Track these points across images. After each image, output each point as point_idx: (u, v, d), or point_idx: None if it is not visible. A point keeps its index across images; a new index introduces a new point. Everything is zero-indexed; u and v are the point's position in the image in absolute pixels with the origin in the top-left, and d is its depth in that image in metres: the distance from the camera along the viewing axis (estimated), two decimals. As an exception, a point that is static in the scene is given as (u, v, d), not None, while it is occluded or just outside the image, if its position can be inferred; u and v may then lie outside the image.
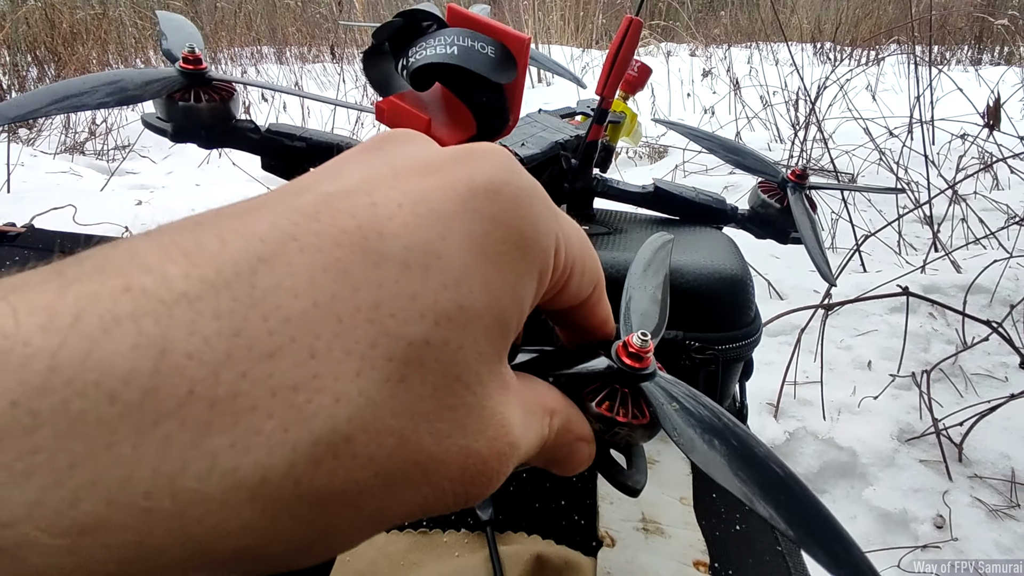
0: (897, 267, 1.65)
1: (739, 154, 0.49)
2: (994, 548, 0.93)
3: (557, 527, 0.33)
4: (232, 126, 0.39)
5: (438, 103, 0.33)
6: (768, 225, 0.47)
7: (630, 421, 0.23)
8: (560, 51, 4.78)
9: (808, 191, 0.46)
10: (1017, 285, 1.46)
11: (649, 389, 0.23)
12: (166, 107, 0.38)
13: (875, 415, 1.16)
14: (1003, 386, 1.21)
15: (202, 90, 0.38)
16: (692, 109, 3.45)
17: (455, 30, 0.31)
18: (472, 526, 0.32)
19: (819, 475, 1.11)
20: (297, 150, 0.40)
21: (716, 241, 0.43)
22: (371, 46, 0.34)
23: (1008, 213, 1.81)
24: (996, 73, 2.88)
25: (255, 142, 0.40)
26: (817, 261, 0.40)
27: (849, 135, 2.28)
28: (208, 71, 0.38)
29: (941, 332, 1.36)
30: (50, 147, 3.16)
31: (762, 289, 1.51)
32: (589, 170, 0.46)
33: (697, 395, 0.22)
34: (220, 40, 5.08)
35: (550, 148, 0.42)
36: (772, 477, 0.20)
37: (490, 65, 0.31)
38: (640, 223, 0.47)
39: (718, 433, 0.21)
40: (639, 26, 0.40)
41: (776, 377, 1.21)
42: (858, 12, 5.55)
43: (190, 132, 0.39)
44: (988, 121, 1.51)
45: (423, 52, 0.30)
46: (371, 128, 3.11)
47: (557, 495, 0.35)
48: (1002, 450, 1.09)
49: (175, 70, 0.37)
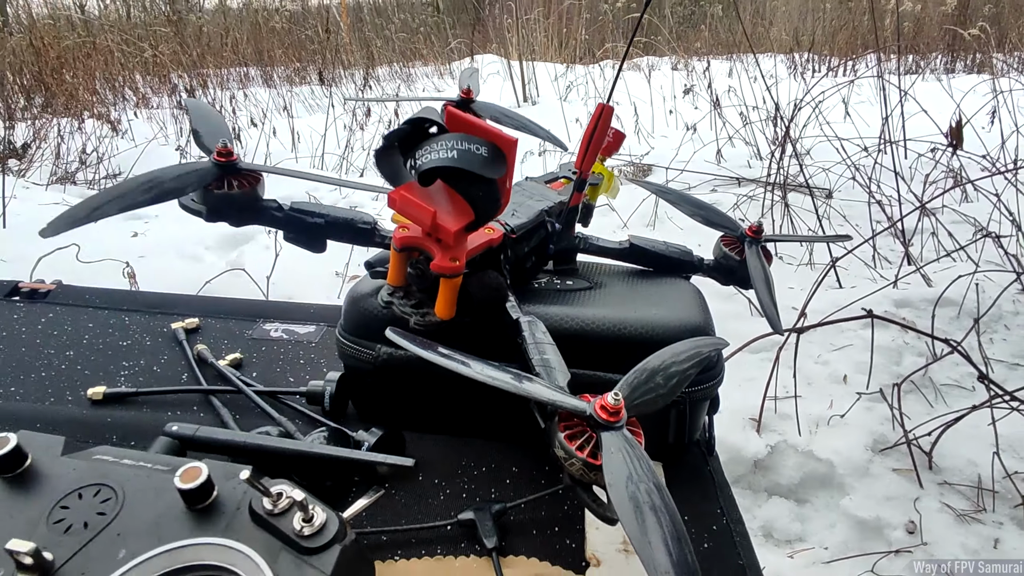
0: (871, 282, 1.73)
1: (704, 210, 0.56)
2: (961, 550, 0.99)
3: (551, 551, 0.39)
4: (259, 206, 0.45)
5: (442, 194, 0.39)
6: (731, 274, 0.53)
7: (585, 457, 0.30)
8: (544, 68, 4.87)
9: (763, 244, 0.52)
10: (984, 297, 1.54)
11: (606, 440, 0.29)
12: (202, 193, 0.44)
13: (851, 427, 1.23)
14: (970, 396, 1.28)
15: (233, 178, 0.44)
16: (675, 126, 3.54)
17: (454, 135, 0.37)
18: (480, 552, 0.38)
19: (800, 486, 1.17)
20: (317, 225, 0.46)
21: (683, 294, 0.49)
22: (382, 145, 0.40)
23: (976, 226, 1.89)
24: (968, 82, 2.99)
25: (279, 219, 0.46)
26: (767, 311, 0.46)
27: (826, 151, 2.36)
28: (239, 162, 0.44)
29: (912, 345, 1.43)
30: (41, 178, 3.19)
31: (743, 308, 1.58)
32: (571, 231, 0.52)
33: (641, 455, 0.29)
34: (207, 63, 5.14)
35: (536, 216, 0.48)
36: (664, 536, 0.26)
37: (484, 164, 0.37)
38: (618, 276, 0.53)
39: (637, 498, 0.28)
40: (611, 111, 0.46)
41: (758, 393, 1.27)
42: (834, 23, 5.70)
43: (222, 213, 0.44)
44: (951, 141, 1.59)
45: (428, 156, 0.37)
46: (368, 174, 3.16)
47: (551, 524, 0.41)
48: (970, 457, 1.15)
49: (210, 162, 0.43)
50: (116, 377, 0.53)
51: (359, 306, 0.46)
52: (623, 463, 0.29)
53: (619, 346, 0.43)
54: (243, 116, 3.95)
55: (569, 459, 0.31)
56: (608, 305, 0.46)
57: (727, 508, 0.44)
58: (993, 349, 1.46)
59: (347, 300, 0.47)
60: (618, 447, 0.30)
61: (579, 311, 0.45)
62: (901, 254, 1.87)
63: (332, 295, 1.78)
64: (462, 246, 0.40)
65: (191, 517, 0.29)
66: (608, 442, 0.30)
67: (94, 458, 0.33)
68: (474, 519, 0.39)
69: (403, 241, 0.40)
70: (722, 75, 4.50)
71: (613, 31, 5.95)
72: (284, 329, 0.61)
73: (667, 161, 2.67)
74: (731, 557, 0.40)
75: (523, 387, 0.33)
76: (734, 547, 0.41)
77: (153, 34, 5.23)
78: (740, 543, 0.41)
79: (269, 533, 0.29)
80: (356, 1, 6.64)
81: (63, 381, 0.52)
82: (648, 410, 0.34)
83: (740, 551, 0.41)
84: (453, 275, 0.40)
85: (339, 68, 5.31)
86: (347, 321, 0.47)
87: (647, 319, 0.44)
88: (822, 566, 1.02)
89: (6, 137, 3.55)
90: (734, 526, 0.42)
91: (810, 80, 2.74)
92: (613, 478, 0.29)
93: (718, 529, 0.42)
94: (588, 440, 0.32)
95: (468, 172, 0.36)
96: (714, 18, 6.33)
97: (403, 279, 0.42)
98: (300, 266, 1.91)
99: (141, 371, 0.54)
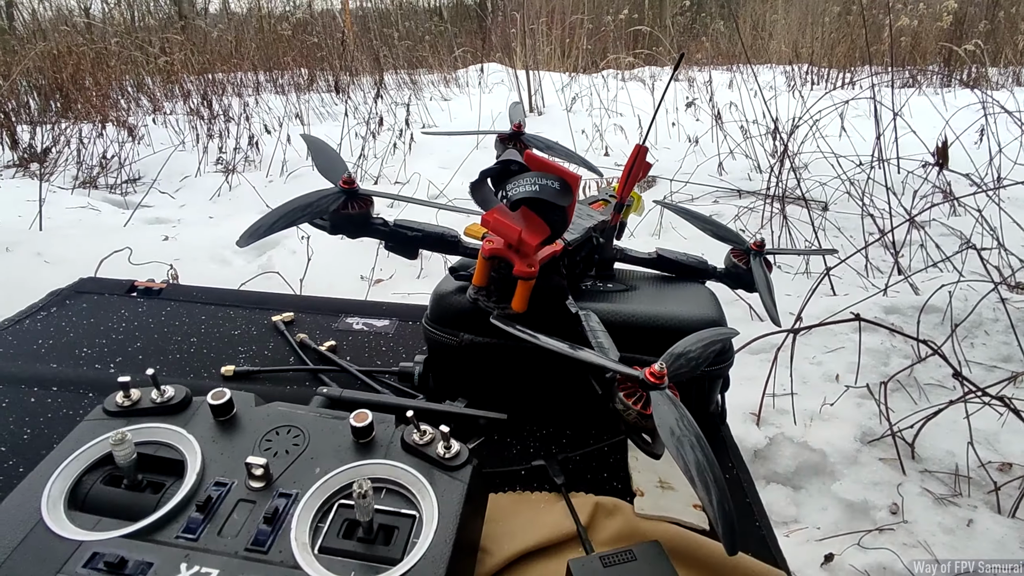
0: (863, 290, 1.85)
1: (716, 227, 0.68)
2: (939, 529, 1.11)
3: (604, 488, 0.51)
4: (370, 223, 0.57)
5: (523, 217, 0.51)
6: (738, 280, 0.65)
7: (640, 410, 0.42)
8: (549, 77, 5.01)
9: (765, 256, 0.65)
10: (966, 305, 1.67)
11: (655, 396, 0.41)
12: (329, 213, 0.56)
13: (842, 421, 1.35)
14: (951, 394, 1.40)
15: (353, 201, 0.56)
16: (677, 138, 3.67)
17: (535, 173, 0.50)
18: (551, 489, 0.50)
19: (795, 473, 1.29)
20: (415, 238, 0.58)
21: (701, 295, 0.61)
22: (477, 179, 0.52)
23: (962, 238, 2.02)
24: (962, 98, 3.12)
25: (385, 232, 0.58)
26: (769, 310, 0.58)
27: (823, 166, 2.50)
28: (358, 189, 0.56)
29: (899, 348, 1.55)
30: (64, 182, 3.30)
31: (744, 312, 1.70)
32: (611, 244, 0.64)
33: (679, 405, 0.41)
34: (216, 68, 5.26)
35: (586, 233, 0.60)
36: (698, 460, 0.38)
37: (557, 195, 0.49)
38: (647, 280, 0.65)
39: (678, 436, 0.39)
40: (645, 151, 0.59)
41: (757, 390, 1.39)
42: (833, 36, 5.85)
43: (343, 228, 0.57)
44: (938, 160, 1.72)
45: (517, 189, 0.49)
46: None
47: (602, 470, 0.53)
48: (948, 448, 1.28)
49: (337, 189, 0.56)
50: (236, 359, 0.65)
51: (445, 301, 0.58)
52: (668, 412, 0.41)
53: (653, 334, 0.55)
54: (256, 123, 4.06)
55: (627, 411, 0.43)
56: (643, 303, 0.59)
57: (736, 463, 0.56)
58: (974, 353, 1.59)
59: (434, 296, 0.59)
60: (664, 401, 0.42)
61: (620, 307, 0.57)
62: (892, 264, 1.99)
63: (359, 297, 1.90)
64: (537, 256, 0.52)
65: (359, 447, 0.42)
66: (656, 398, 0.42)
67: (278, 408, 0.44)
68: (545, 464, 0.51)
69: (491, 252, 0.52)
70: (723, 87, 4.64)
71: (615, 41, 6.10)
72: (364, 322, 0.73)
73: (671, 173, 2.79)
74: (739, 497, 0.52)
75: (586, 357, 0.45)
76: (742, 490, 0.53)
77: (163, 40, 5.36)
78: (747, 488, 0.53)
79: (418, 458, 0.41)
80: (360, 8, 6.77)
81: (196, 361, 0.64)
82: (680, 379, 0.46)
83: (747, 493, 0.53)
84: (529, 278, 0.52)
85: (348, 76, 5.44)
86: (433, 313, 0.59)
87: (674, 313, 0.56)
88: (815, 543, 1.14)
89: (29, 142, 3.67)
90: (742, 475, 0.54)
91: (808, 95, 2.87)
92: (661, 422, 0.41)
93: (730, 478, 0.54)
94: (640, 398, 0.44)
95: (546, 201, 0.48)
96: (715, 30, 6.49)
97: (487, 281, 0.54)
98: (328, 270, 2.03)
99: (255, 355, 0.66)
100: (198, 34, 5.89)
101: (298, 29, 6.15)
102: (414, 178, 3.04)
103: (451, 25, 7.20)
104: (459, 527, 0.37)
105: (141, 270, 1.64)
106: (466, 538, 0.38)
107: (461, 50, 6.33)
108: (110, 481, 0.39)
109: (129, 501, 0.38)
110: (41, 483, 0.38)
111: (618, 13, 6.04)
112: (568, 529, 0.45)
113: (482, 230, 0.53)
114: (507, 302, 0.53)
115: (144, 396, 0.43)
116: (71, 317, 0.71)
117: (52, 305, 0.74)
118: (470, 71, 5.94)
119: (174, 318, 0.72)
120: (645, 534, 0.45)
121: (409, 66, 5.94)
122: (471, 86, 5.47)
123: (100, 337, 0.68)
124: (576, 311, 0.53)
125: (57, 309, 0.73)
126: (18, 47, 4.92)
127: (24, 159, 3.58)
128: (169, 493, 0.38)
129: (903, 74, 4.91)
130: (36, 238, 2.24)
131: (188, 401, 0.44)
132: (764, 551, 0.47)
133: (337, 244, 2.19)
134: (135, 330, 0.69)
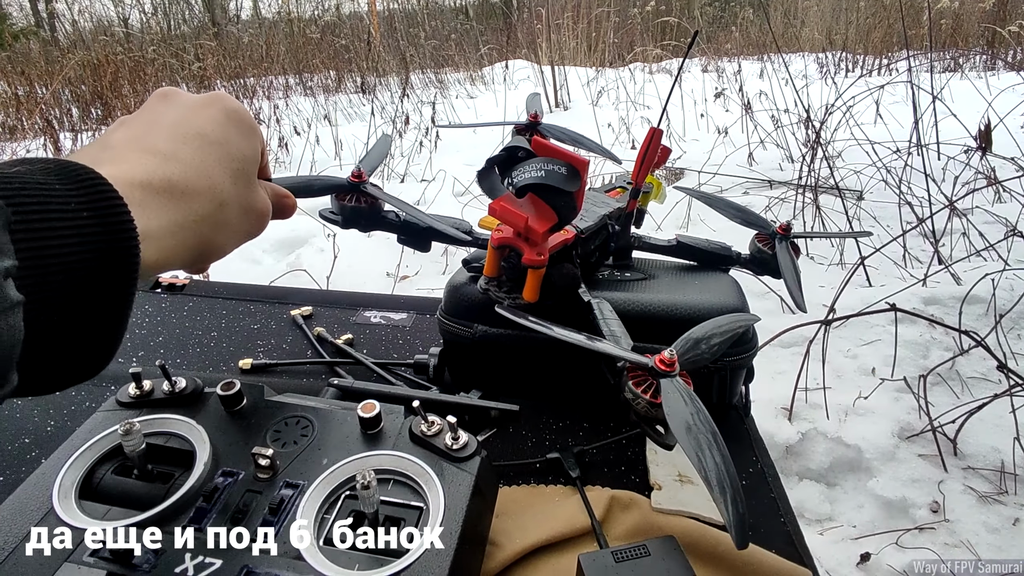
0: (900, 281, 1.78)
1: (742, 212, 0.66)
2: (983, 528, 1.07)
3: (621, 482, 0.49)
4: (381, 216, 0.57)
5: (530, 204, 0.50)
6: (763, 266, 0.63)
7: (649, 398, 0.41)
8: (575, 72, 4.98)
9: (792, 240, 0.62)
10: (1012, 295, 1.59)
11: (664, 384, 0.40)
12: (339, 206, 0.56)
13: (878, 415, 1.30)
14: (996, 387, 1.34)
15: (361, 195, 0.55)
16: (706, 129, 3.60)
17: (541, 159, 0.48)
18: (565, 482, 0.49)
19: (830, 470, 1.25)
20: (427, 230, 0.57)
21: (723, 284, 0.59)
22: (484, 167, 0.51)
23: (1007, 226, 1.93)
24: (1007, 80, 2.98)
25: (396, 225, 0.57)
26: (794, 296, 0.56)
27: (858, 153, 2.42)
28: (364, 185, 0.55)
29: (940, 340, 1.49)
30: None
31: (775, 305, 1.66)
32: (628, 231, 0.63)
33: (691, 394, 0.39)
34: (248, 73, 5.37)
35: (600, 220, 0.59)
36: (713, 456, 0.36)
37: (564, 180, 0.48)
38: (667, 269, 0.63)
39: (689, 425, 0.37)
40: (660, 134, 0.57)
41: (789, 384, 1.35)
42: (868, 21, 5.66)
43: (354, 221, 0.56)
44: (980, 144, 1.64)
45: (522, 175, 0.48)
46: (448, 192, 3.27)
47: (619, 464, 0.51)
48: (994, 444, 1.22)
49: (346, 180, 0.55)
50: (255, 352, 0.66)
51: (459, 293, 0.57)
52: (678, 401, 0.40)
53: (670, 324, 0.53)
54: (286, 125, 4.13)
55: (636, 400, 0.42)
56: (660, 291, 0.57)
57: (760, 456, 0.54)
58: (1021, 345, 1.51)
59: (447, 288, 0.58)
60: (673, 389, 0.40)
61: (637, 296, 0.55)
62: (931, 253, 1.92)
63: (385, 293, 1.91)
64: (546, 244, 0.51)
65: (367, 438, 0.41)
66: (666, 386, 0.41)
67: (288, 400, 0.44)
68: (560, 457, 0.50)
69: (499, 240, 0.51)
70: (753, 76, 4.53)
71: (642, 34, 6.02)
72: (382, 316, 0.73)
73: (699, 165, 2.74)
74: (764, 491, 0.50)
75: (595, 345, 0.44)
76: (767, 484, 0.51)
77: (197, 46, 5.49)
78: (772, 482, 0.51)
79: (426, 449, 0.40)
80: (387, 9, 6.83)
81: (216, 355, 0.65)
82: (694, 367, 0.44)
83: (772, 487, 0.50)
84: (539, 267, 0.50)
85: (375, 76, 5.49)
86: (448, 305, 0.58)
87: (693, 302, 0.54)
88: (851, 542, 1.10)
89: (71, 148, 3.79)
90: (767, 470, 0.52)
91: (842, 82, 2.79)
92: (671, 411, 0.39)
93: (754, 472, 0.52)
94: (650, 386, 0.42)
95: (553, 187, 0.47)
96: (745, 19, 6.35)
97: (497, 271, 0.53)
98: (355, 267, 2.05)
99: (273, 348, 0.67)
100: (230, 40, 6.03)
101: (326, 32, 6.24)
102: (440, 175, 3.05)
103: (477, 23, 7.21)
104: (465, 519, 0.36)
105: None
106: (473, 530, 0.37)
107: (487, 47, 6.33)
108: (121, 471, 0.39)
109: (139, 491, 0.38)
110: (54, 472, 0.38)
111: (644, 5, 5.95)
112: (582, 523, 0.44)
113: (496, 221, 0.52)
114: (519, 292, 0.52)
115: (157, 387, 0.44)
116: (97, 313, 0.73)
117: (80, 302, 0.76)
118: (496, 68, 5.94)
119: (196, 313, 0.73)
120: (662, 529, 0.44)
121: (435, 65, 5.96)
122: (496, 83, 5.47)
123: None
124: (588, 300, 0.52)
125: (84, 306, 0.75)
126: (60, 56, 5.11)
127: (66, 166, 3.71)
128: (178, 483, 0.38)
129: (944, 58, 4.73)
130: (76, 241, 2.30)
131: (199, 392, 0.44)
132: (789, 548, 0.45)
133: (363, 241, 2.21)
134: (158, 324, 0.70)
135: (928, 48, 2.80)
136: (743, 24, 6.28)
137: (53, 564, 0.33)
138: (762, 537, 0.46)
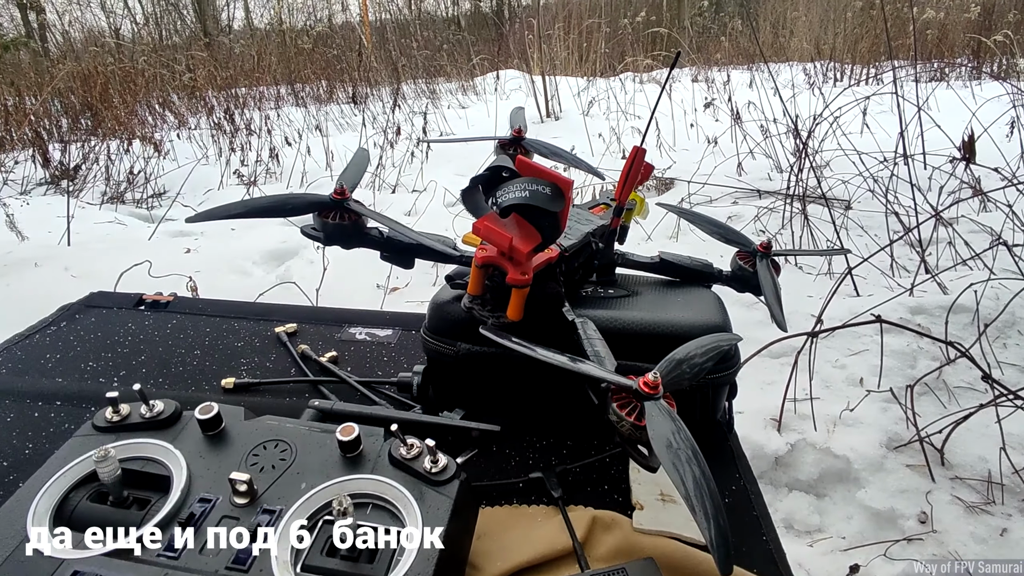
0: (888, 290, 1.80)
1: (722, 229, 0.66)
2: (970, 539, 1.07)
3: (604, 502, 0.49)
4: (364, 233, 0.57)
5: (514, 224, 0.50)
6: (745, 283, 0.63)
7: (633, 421, 0.41)
8: (566, 82, 5.00)
9: (772, 257, 0.62)
10: (998, 304, 1.61)
11: (648, 407, 0.40)
12: (321, 223, 0.56)
13: (866, 426, 1.31)
14: (982, 397, 1.35)
15: (344, 212, 0.55)
16: (696, 139, 3.62)
17: (526, 179, 0.49)
18: (547, 502, 0.48)
19: (819, 481, 1.25)
20: (410, 247, 0.57)
21: (705, 299, 0.59)
22: (468, 186, 0.51)
23: (992, 235, 1.95)
24: (991, 90, 3.01)
25: (380, 243, 0.57)
26: (775, 314, 0.56)
27: (845, 163, 2.44)
28: (347, 202, 0.55)
29: (927, 350, 1.50)
30: (93, 198, 3.40)
31: (764, 315, 1.66)
32: (611, 248, 0.63)
33: (675, 416, 0.39)
34: (240, 83, 5.37)
35: (584, 238, 0.59)
36: (693, 475, 0.36)
37: (548, 200, 0.48)
38: (650, 285, 0.64)
39: (673, 447, 0.37)
40: (644, 152, 0.57)
41: (777, 395, 1.36)
42: (856, 31, 5.73)
43: (336, 238, 0.56)
44: (964, 155, 1.66)
45: (507, 195, 0.48)
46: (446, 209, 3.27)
47: (602, 482, 0.51)
48: (980, 454, 1.23)
49: (328, 197, 0.55)
50: (238, 371, 0.65)
51: (442, 310, 0.57)
52: (662, 423, 0.40)
53: (653, 341, 0.54)
54: (278, 136, 4.13)
55: (620, 422, 0.42)
56: (643, 309, 0.57)
57: (743, 473, 0.54)
58: (1006, 354, 1.53)
59: (431, 306, 0.58)
60: (658, 412, 0.40)
61: (620, 314, 0.56)
62: (918, 263, 1.93)
63: (375, 306, 1.91)
64: (530, 263, 0.51)
65: (347, 461, 0.41)
66: (650, 409, 0.41)
67: (267, 422, 0.44)
68: (542, 476, 0.50)
69: (483, 260, 0.51)
70: (742, 86, 4.57)
71: (633, 44, 6.07)
72: (367, 332, 0.73)
73: (689, 175, 2.76)
74: (747, 509, 0.50)
75: (579, 367, 0.44)
76: (749, 502, 0.51)
77: (189, 56, 5.49)
78: (754, 500, 0.51)
79: (405, 472, 0.40)
80: (379, 19, 6.86)
81: (199, 374, 0.65)
82: (677, 388, 0.44)
83: (754, 505, 0.51)
84: (523, 286, 0.50)
85: (367, 87, 5.50)
86: (431, 323, 0.58)
87: (676, 320, 0.55)
88: (840, 553, 1.10)
89: (60, 159, 3.78)
90: (749, 487, 0.52)
91: (829, 92, 2.81)
92: (655, 434, 0.39)
93: (736, 489, 0.52)
94: (634, 408, 0.42)
95: (537, 207, 0.47)
96: (734, 29, 6.41)
97: (481, 289, 0.53)
98: (345, 279, 2.04)
99: (256, 366, 0.66)
100: (222, 50, 6.03)
101: (318, 42, 6.26)
102: (431, 186, 3.05)
103: (468, 33, 7.25)
104: (444, 544, 0.36)
105: (162, 282, 1.67)
106: (452, 555, 0.37)
107: (479, 58, 6.36)
108: (96, 498, 0.39)
109: (114, 518, 0.38)
110: (28, 500, 0.38)
111: (635, 16, 6.01)
112: (563, 544, 0.44)
113: (479, 239, 0.52)
114: (502, 311, 0.52)
115: (134, 411, 0.43)
116: (79, 331, 0.72)
117: (62, 319, 0.75)
118: (487, 78, 5.97)
119: (179, 331, 0.73)
120: (644, 550, 0.44)
121: (427, 75, 5.98)
122: (488, 93, 5.49)
123: (106, 351, 0.68)
124: (572, 319, 0.52)
125: (66, 323, 0.74)
126: (50, 67, 5.10)
127: (55, 176, 3.68)
128: (154, 510, 0.38)
129: (930, 68, 4.79)
130: (64, 253, 2.29)
131: (177, 416, 0.43)
132: (771, 567, 0.45)
133: (353, 254, 2.20)
134: (140, 343, 0.70)
135: (914, 58, 2.83)
136: (732, 34, 6.34)
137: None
138: (744, 556, 0.46)
